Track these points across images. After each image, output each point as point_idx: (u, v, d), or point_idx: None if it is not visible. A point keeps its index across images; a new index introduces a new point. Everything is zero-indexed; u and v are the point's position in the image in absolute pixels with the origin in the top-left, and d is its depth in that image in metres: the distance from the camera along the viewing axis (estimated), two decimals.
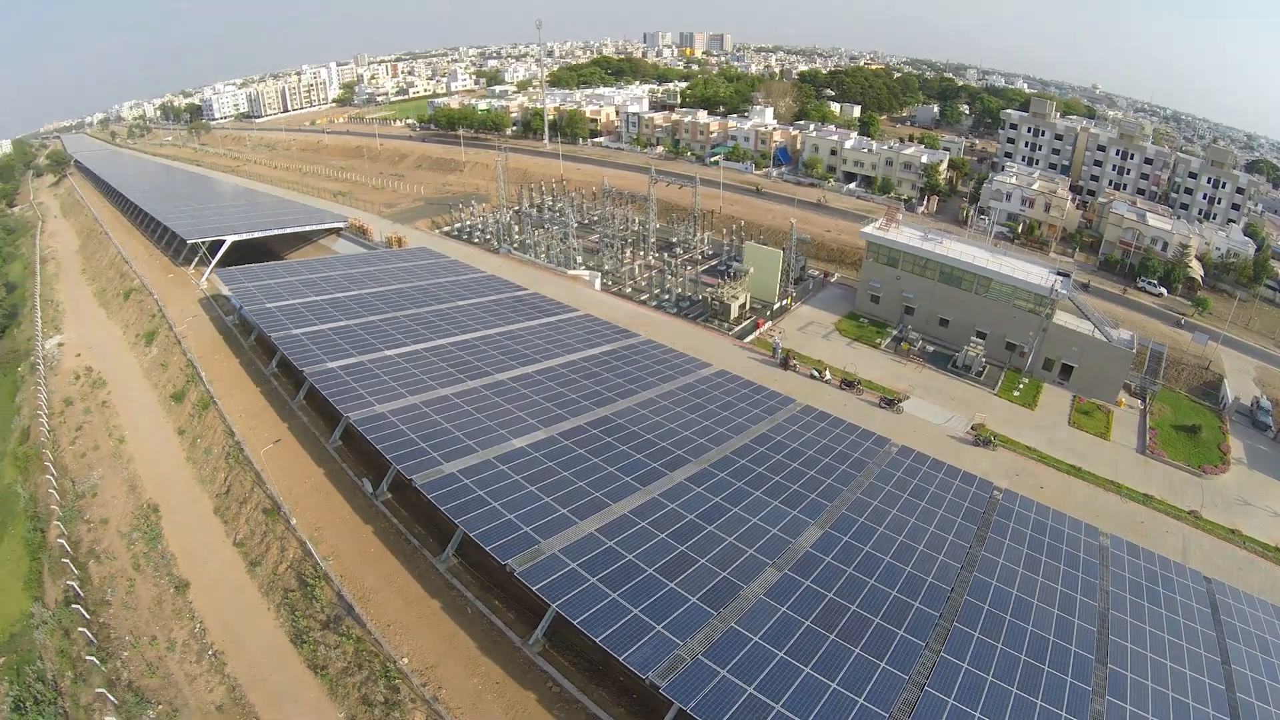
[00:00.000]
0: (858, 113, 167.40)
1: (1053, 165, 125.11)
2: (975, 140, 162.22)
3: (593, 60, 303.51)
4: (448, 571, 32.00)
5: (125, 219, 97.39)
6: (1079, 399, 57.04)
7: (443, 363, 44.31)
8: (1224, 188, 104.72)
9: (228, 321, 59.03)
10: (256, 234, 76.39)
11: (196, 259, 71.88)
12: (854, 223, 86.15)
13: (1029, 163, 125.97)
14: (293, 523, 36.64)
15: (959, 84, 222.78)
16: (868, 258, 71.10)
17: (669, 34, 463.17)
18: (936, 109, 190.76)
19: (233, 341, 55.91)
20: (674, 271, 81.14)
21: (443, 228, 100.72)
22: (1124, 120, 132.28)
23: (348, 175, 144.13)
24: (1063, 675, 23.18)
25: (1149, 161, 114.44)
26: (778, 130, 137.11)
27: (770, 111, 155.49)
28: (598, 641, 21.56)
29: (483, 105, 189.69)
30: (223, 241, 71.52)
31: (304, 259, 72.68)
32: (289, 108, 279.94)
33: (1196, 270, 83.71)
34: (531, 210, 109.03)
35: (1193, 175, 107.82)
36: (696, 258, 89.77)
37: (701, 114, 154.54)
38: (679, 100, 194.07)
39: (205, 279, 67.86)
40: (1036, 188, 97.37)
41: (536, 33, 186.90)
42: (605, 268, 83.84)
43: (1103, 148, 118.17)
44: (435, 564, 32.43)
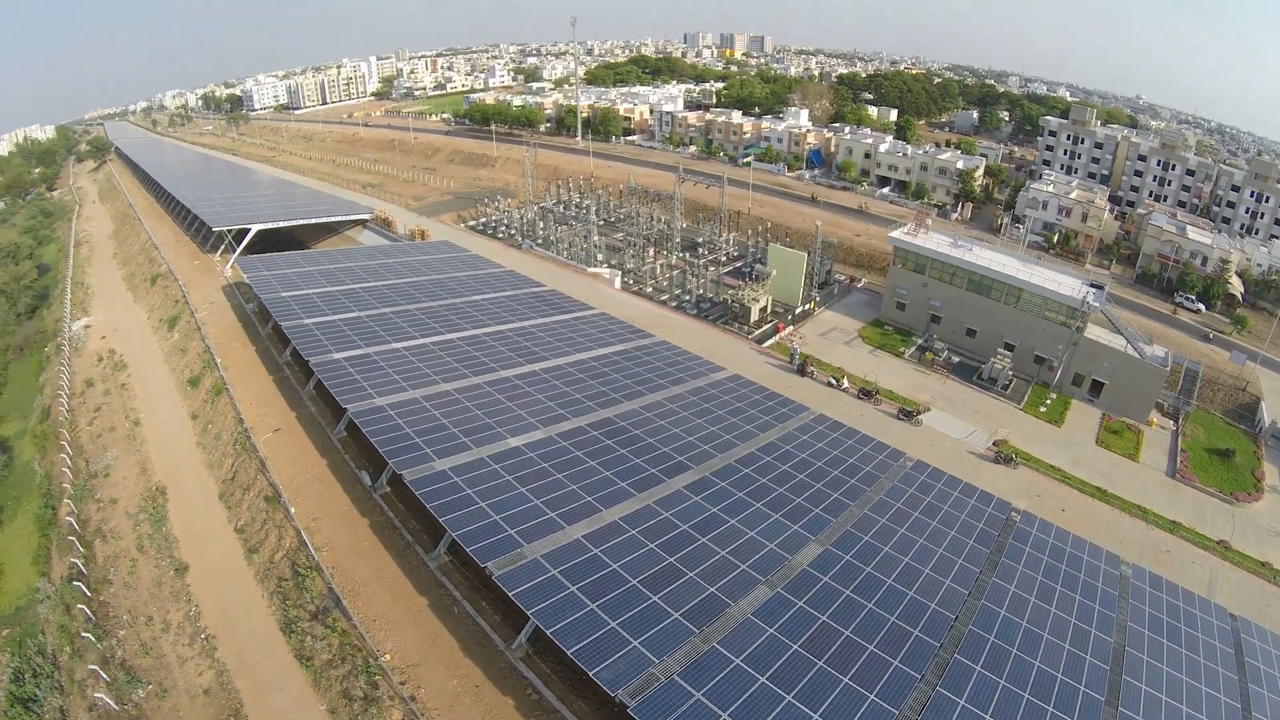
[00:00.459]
0: (894, 116, 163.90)
1: (1092, 174, 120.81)
2: (1014, 148, 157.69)
3: (630, 59, 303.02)
4: (438, 569, 31.46)
5: (158, 205, 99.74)
6: (1108, 417, 54.52)
7: (449, 357, 43.90)
8: (1268, 202, 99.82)
9: (248, 309, 59.64)
10: (281, 223, 77.30)
11: (223, 247, 72.95)
12: (885, 228, 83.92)
13: (1068, 171, 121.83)
14: (291, 511, 36.55)
15: (999, 90, 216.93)
16: (894, 263, 69.06)
17: (709, 35, 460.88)
18: (976, 115, 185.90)
19: (250, 329, 56.44)
20: (696, 272, 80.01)
21: (468, 222, 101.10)
22: (1166, 130, 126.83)
23: (380, 168, 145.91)
24: (1068, 719, 21.54)
25: (1191, 173, 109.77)
26: (811, 132, 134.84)
27: (805, 113, 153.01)
28: (569, 653, 20.65)
29: (517, 101, 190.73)
30: (248, 230, 72.42)
31: (325, 249, 73.34)
32: (327, 100, 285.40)
33: (1236, 287, 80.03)
34: (557, 207, 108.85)
35: (1235, 188, 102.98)
36: (721, 259, 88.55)
37: (736, 114, 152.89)
38: (714, 100, 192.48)
39: (229, 267, 68.78)
40: (1074, 196, 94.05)
41: (580, 30, 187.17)
42: (628, 266, 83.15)
43: (1143, 157, 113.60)
44: (427, 561, 31.95)
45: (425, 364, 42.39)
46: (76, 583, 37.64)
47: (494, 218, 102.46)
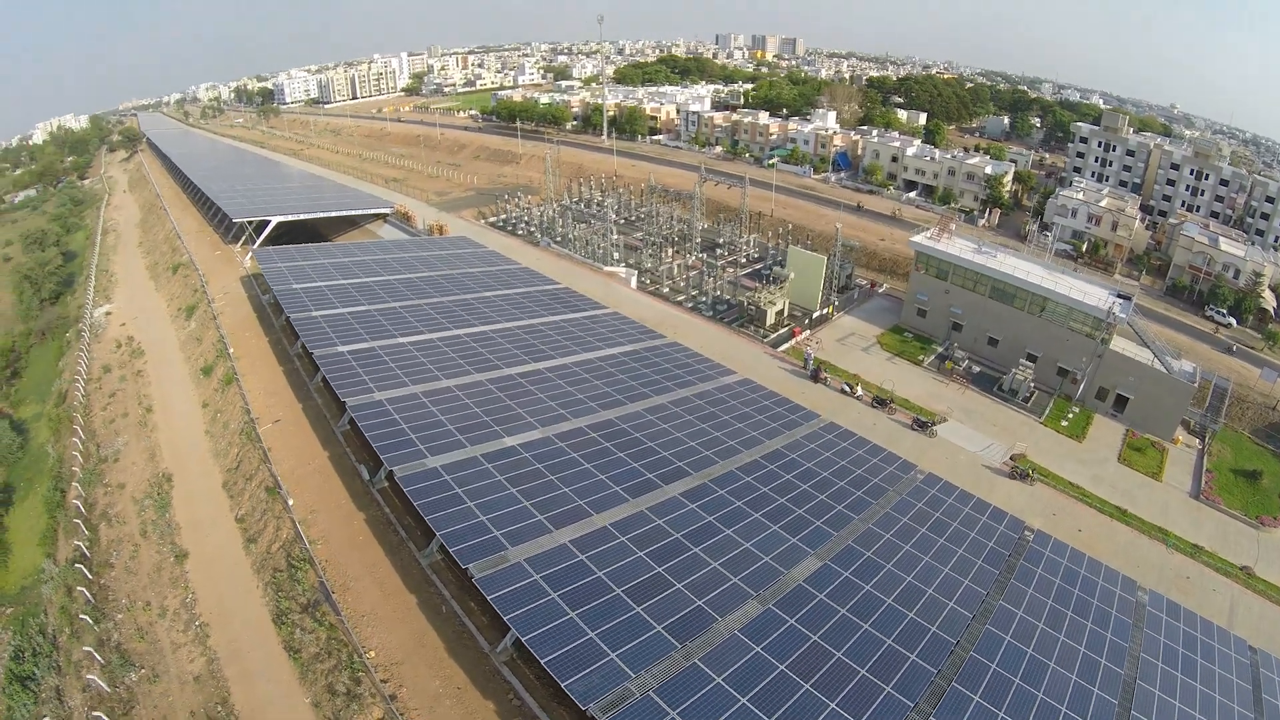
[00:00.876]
0: (924, 120, 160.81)
1: (1123, 182, 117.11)
2: (1045, 154, 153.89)
3: (659, 59, 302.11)
4: (430, 568, 31.05)
5: (184, 195, 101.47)
6: (1132, 433, 52.40)
7: (454, 353, 43.55)
8: None
9: (263, 300, 60.04)
10: (301, 215, 77.93)
11: (244, 238, 73.75)
12: (909, 232, 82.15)
13: (1098, 179, 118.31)
14: (289, 503, 36.46)
15: (1031, 96, 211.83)
16: (916, 268, 67.29)
17: (741, 36, 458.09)
18: (1007, 121, 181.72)
19: (265, 320, 56.77)
20: (713, 273, 78.93)
21: (488, 218, 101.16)
22: (1200, 138, 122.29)
23: (405, 163, 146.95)
24: None
25: (1224, 183, 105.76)
26: (838, 134, 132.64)
27: (833, 115, 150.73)
28: (543, 662, 19.96)
29: (544, 99, 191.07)
30: (269, 221, 73.09)
31: (340, 242, 73.75)
32: (357, 95, 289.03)
33: (1269, 301, 76.92)
34: (578, 205, 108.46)
35: (1270, 200, 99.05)
36: (741, 260, 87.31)
37: (762, 115, 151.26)
38: (742, 101, 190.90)
39: (249, 258, 69.49)
40: (1104, 205, 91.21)
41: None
42: (646, 265, 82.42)
43: (1176, 166, 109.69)
44: (419, 558, 31.57)
45: (429, 359, 42.08)
46: (79, 565, 38.02)
47: (514, 214, 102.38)
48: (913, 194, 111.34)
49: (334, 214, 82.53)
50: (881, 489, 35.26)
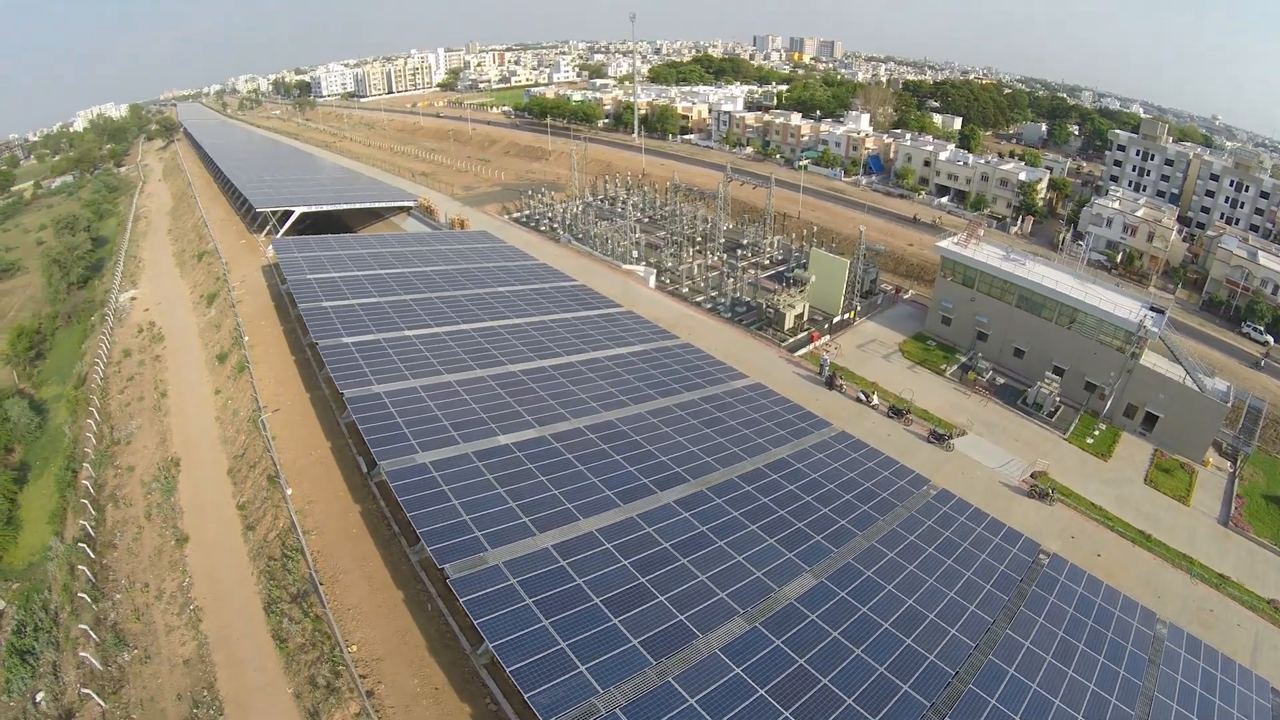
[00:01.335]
0: (959, 125, 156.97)
1: (1160, 193, 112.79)
2: (1082, 162, 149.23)
3: (694, 58, 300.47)
4: (418, 564, 30.61)
5: (215, 185, 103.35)
6: (1160, 454, 49.94)
7: (459, 348, 43.12)
8: None
9: (281, 290, 60.51)
10: (324, 207, 78.61)
11: (268, 228, 74.59)
12: (941, 238, 79.84)
13: (1136, 188, 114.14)
14: (288, 493, 36.39)
15: (1070, 104, 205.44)
16: (942, 274, 65.17)
17: (779, 38, 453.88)
18: (1044, 128, 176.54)
19: (282, 309, 57.21)
20: (734, 273, 77.62)
21: (512, 213, 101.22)
22: (1240, 149, 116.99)
23: (436, 157, 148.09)
24: None
25: (1265, 195, 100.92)
26: (871, 137, 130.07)
27: (866, 118, 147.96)
28: (508, 670, 19.18)
29: (577, 96, 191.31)
30: (292, 211, 73.80)
31: (360, 234, 74.11)
32: (393, 89, 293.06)
33: None
34: (602, 202, 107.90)
35: None
36: (764, 262, 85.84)
37: (795, 116, 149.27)
38: (775, 102, 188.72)
39: (269, 247, 70.23)
40: (1140, 215, 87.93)
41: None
42: (667, 265, 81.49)
43: (1216, 177, 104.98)
44: (409, 554, 31.17)
45: (433, 353, 41.70)
46: (82, 544, 38.49)
47: (537, 210, 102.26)
48: (945, 199, 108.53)
49: (357, 206, 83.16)
50: (890, 504, 33.78)
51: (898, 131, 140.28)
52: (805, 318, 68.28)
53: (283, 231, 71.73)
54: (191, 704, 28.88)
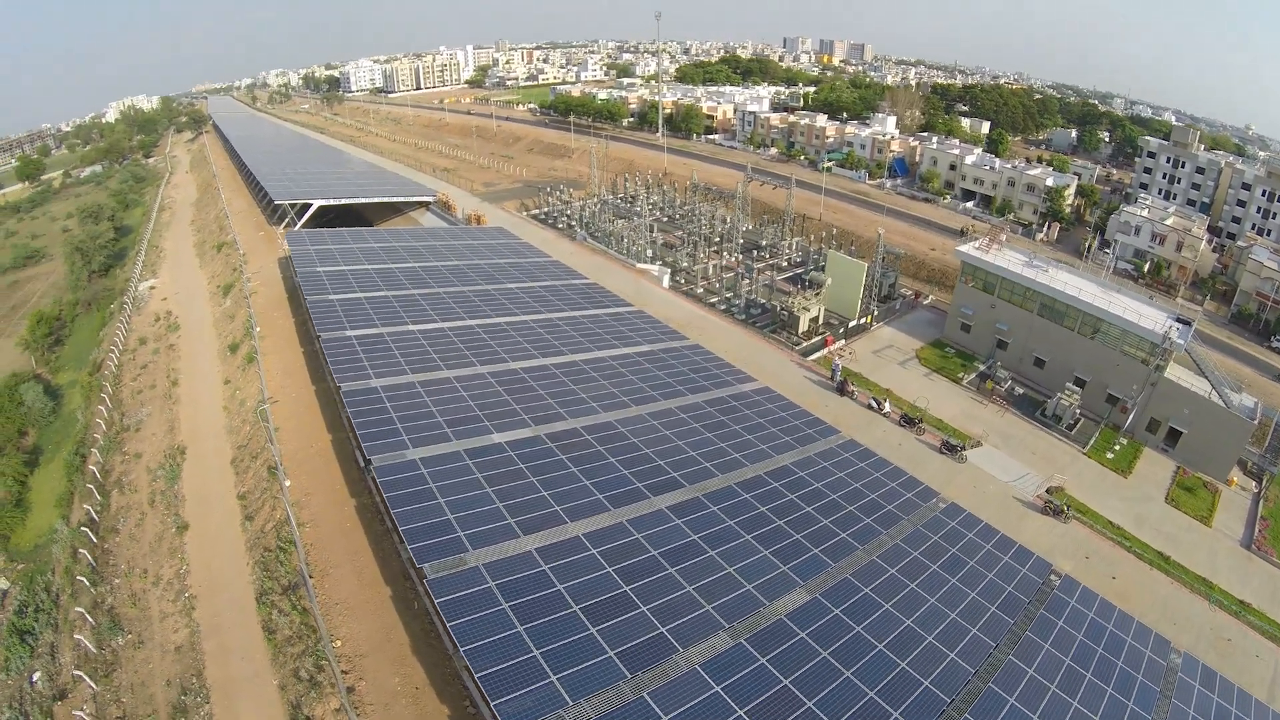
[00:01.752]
0: (987, 129, 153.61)
1: (1191, 201, 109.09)
2: (1112, 170, 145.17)
3: (721, 59, 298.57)
4: (408, 561, 30.19)
5: (239, 177, 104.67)
6: (1183, 471, 47.98)
7: (462, 344, 42.77)
8: None
9: (295, 282, 60.89)
10: (342, 200, 79.07)
11: (286, 220, 75.19)
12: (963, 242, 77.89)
13: (1166, 196, 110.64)
14: (286, 484, 36.33)
15: (1101, 110, 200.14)
16: (962, 280, 63.43)
17: (809, 40, 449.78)
18: (1074, 134, 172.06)
19: (295, 301, 57.47)
20: (749, 274, 76.50)
21: (530, 210, 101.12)
22: (1273, 158, 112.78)
23: (459, 153, 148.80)
24: None
25: None
26: (896, 140, 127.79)
27: (893, 120, 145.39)
28: (476, 676, 18.57)
29: (602, 95, 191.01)
30: (310, 205, 74.29)
31: (375, 228, 74.29)
32: (421, 85, 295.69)
33: None
34: (621, 200, 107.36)
35: None
36: (781, 263, 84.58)
37: (820, 117, 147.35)
38: (802, 103, 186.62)
39: (285, 239, 70.81)
40: (1170, 223, 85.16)
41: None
42: (682, 265, 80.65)
43: (1248, 186, 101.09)
44: (400, 550, 30.83)
45: (435, 348, 41.38)
46: (84, 529, 38.85)
47: (555, 208, 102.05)
48: (970, 204, 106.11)
49: (375, 200, 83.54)
50: (895, 517, 32.59)
51: (924, 135, 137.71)
52: (820, 321, 67.00)
53: (300, 224, 72.22)
54: (180, 690, 28.96)
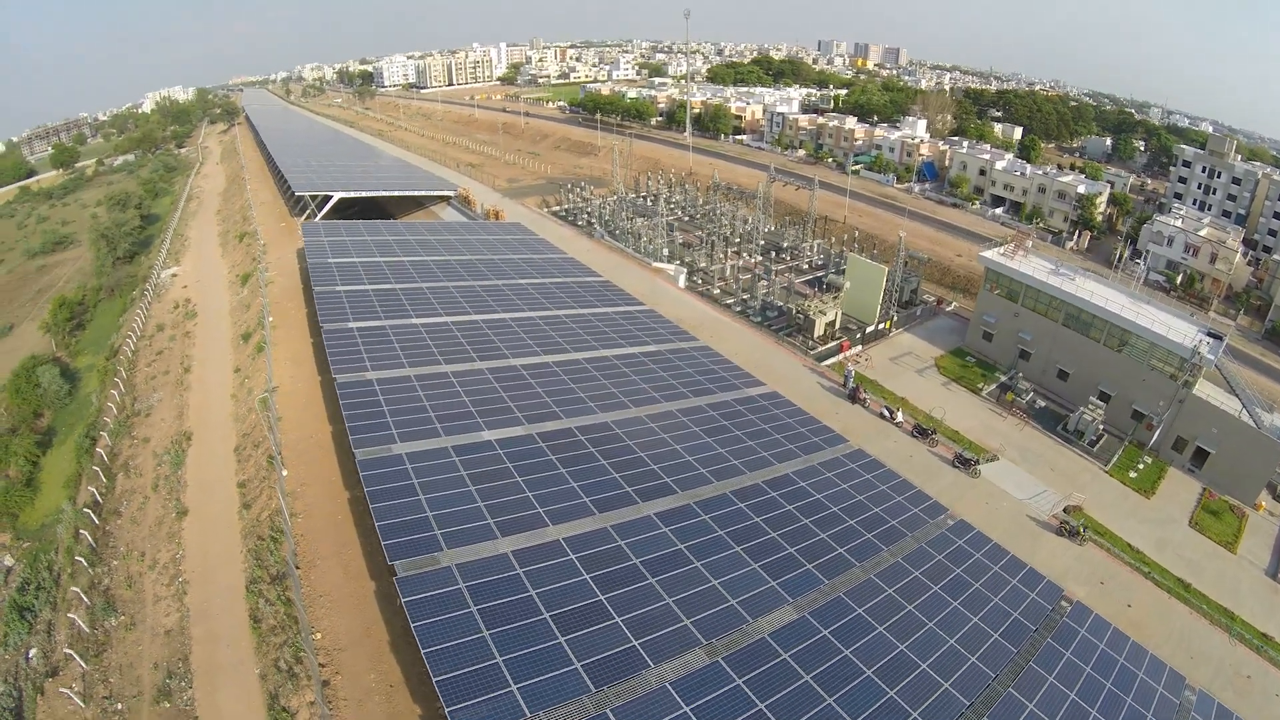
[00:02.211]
0: (1019, 135, 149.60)
1: (1226, 213, 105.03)
2: (1146, 179, 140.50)
3: (753, 60, 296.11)
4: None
5: (266, 168, 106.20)
6: (1209, 493, 45.69)
7: (464, 338, 42.36)
8: None
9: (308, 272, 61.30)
10: (363, 193, 79.53)
11: (307, 211, 75.87)
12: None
13: (1201, 207, 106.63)
14: (282, 474, 36.29)
15: (1136, 119, 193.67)
16: (985, 287, 61.36)
17: (844, 43, 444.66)
18: (1109, 142, 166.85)
19: (309, 292, 57.32)
20: (767, 276, 75.13)
21: (551, 207, 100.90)
22: None
23: (486, 149, 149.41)
24: None
25: None
26: (926, 143, 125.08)
27: (923, 124, 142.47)
28: (434, 680, 17.92)
29: (632, 94, 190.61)
30: (330, 196, 74.83)
31: (391, 221, 74.53)
32: (453, 82, 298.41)
33: None
34: (642, 198, 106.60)
35: None
36: (802, 266, 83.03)
37: (849, 119, 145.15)
38: (833, 105, 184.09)
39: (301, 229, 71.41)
40: (1204, 235, 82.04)
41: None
42: (700, 265, 79.61)
43: None
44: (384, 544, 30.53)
45: (436, 343, 41.03)
46: (87, 510, 39.32)
47: (575, 205, 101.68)
48: (999, 210, 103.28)
49: (395, 193, 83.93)
50: (898, 533, 31.23)
51: (955, 139, 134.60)
52: (837, 325, 65.39)
53: (320, 216, 72.79)
54: (166, 674, 29.11)
